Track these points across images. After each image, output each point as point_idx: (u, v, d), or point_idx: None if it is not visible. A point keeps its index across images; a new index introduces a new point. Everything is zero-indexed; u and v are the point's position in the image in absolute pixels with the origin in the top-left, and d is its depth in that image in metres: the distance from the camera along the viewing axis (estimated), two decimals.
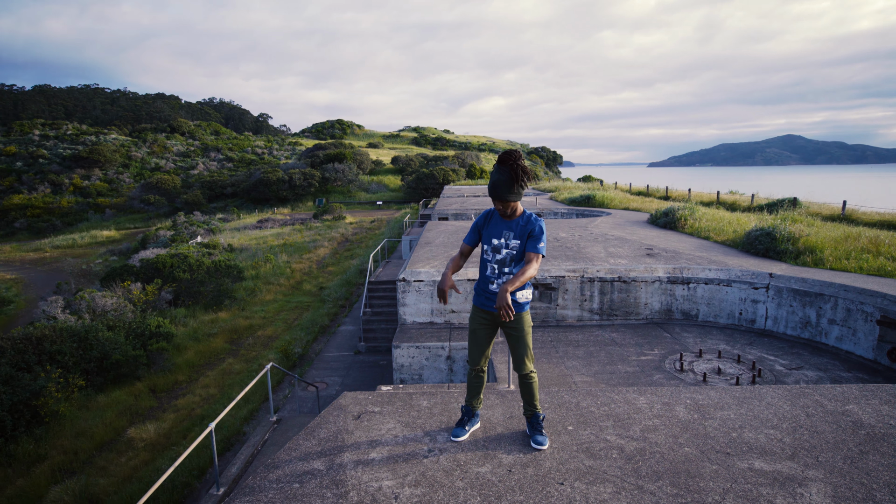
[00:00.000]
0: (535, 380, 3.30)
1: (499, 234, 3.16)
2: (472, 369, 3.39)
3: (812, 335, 7.80)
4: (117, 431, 10.54)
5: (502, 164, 2.99)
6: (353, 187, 56.24)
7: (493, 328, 3.30)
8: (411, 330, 8.75)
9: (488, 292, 3.21)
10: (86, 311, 15.46)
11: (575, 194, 23.78)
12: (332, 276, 23.78)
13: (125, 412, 11.44)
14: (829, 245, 9.60)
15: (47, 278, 28.72)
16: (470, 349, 3.36)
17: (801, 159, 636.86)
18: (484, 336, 3.30)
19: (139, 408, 11.78)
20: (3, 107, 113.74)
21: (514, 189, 2.99)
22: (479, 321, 3.29)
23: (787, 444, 3.23)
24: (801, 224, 11.34)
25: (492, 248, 3.18)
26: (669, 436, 3.35)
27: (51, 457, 9.44)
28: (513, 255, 3.13)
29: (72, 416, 10.89)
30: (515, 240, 3.12)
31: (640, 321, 9.01)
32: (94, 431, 10.32)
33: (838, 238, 10.05)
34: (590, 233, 12.68)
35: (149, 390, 12.67)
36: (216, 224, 39.27)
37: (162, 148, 73.14)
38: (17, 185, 55.83)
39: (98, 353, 12.73)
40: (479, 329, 3.29)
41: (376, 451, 3.19)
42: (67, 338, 12.72)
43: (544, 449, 3.21)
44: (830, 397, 3.90)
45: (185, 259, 20.24)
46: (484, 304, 3.24)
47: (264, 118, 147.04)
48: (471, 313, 3.36)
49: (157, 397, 12.47)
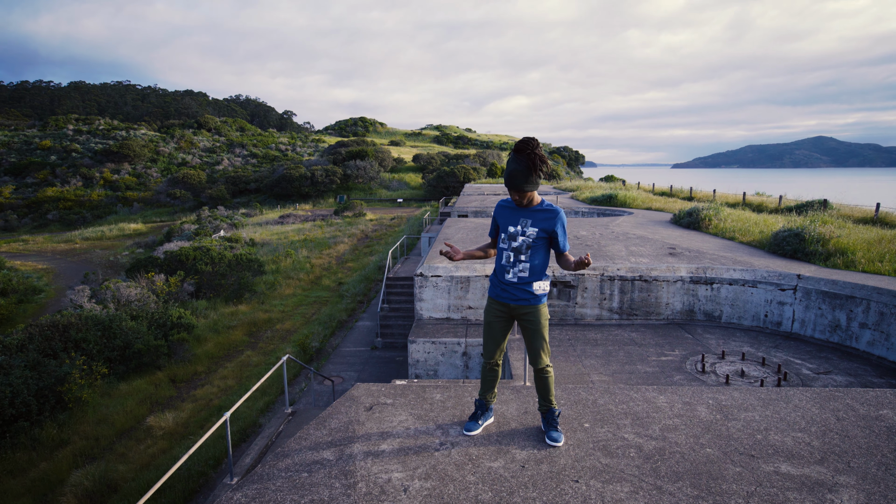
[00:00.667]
0: (551, 374, 3.21)
1: (515, 222, 3.07)
2: (486, 362, 3.31)
3: (841, 339, 7.51)
4: (137, 419, 10.73)
5: (519, 153, 2.91)
6: (375, 184, 56.50)
7: (508, 321, 3.21)
8: (427, 325, 8.69)
9: (504, 283, 3.13)
10: (111, 300, 15.80)
11: (596, 193, 23.45)
12: (351, 272, 23.90)
13: (145, 401, 11.65)
14: (861, 247, 9.24)
15: (76, 269, 29.49)
16: (485, 342, 3.29)
17: (833, 162, 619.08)
18: (499, 329, 3.22)
19: (159, 397, 11.98)
20: (41, 102, 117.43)
21: (530, 179, 2.91)
22: (495, 313, 3.21)
23: (815, 447, 3.07)
24: (832, 225, 10.95)
25: (508, 235, 3.10)
26: (690, 436, 3.22)
27: (73, 442, 9.65)
28: (529, 243, 3.04)
29: (94, 403, 11.12)
30: (533, 227, 3.03)
31: (660, 321, 8.80)
32: (115, 419, 10.52)
33: (871, 240, 9.67)
34: (611, 231, 12.46)
35: (169, 380, 12.88)
36: (239, 219, 39.85)
37: (189, 143, 74.54)
38: (50, 177, 57.54)
39: (121, 342, 12.99)
40: (494, 321, 3.21)
41: (387, 443, 3.14)
42: (92, 326, 13.01)
43: (559, 445, 3.12)
44: (862, 401, 3.71)
45: (208, 252, 20.56)
46: (500, 295, 3.16)
47: (288, 115, 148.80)
48: (486, 305, 3.28)
49: (176, 387, 12.67)
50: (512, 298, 3.10)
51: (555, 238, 3.07)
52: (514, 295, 3.09)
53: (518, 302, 3.09)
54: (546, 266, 3.11)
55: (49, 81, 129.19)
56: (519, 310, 3.11)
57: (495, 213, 3.20)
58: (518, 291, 3.08)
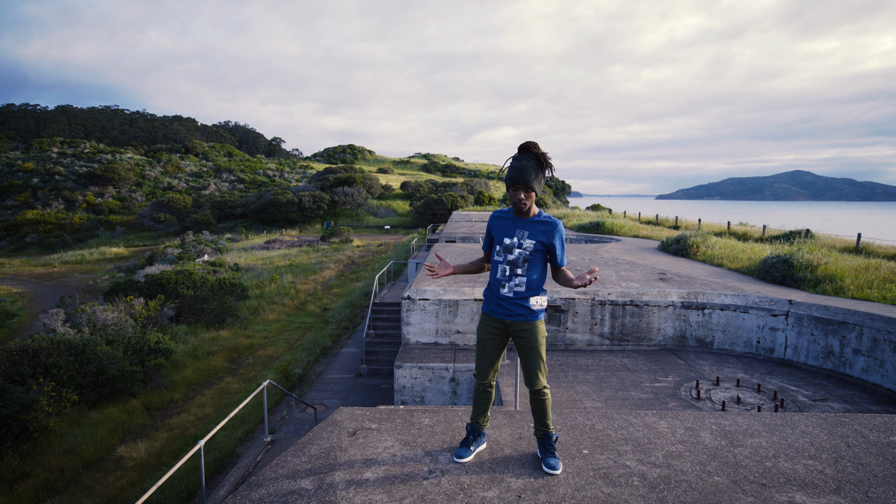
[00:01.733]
0: (548, 396, 3.00)
1: (511, 233, 2.90)
2: (479, 383, 3.10)
3: (835, 366, 7.40)
4: (107, 449, 10.17)
5: (525, 152, 2.77)
6: (362, 211, 56.42)
7: (503, 338, 3.02)
8: (414, 350, 8.43)
9: (499, 297, 2.94)
10: (86, 324, 15.25)
11: (584, 221, 23.56)
12: (336, 298, 23.52)
13: (117, 429, 11.08)
14: (849, 274, 9.25)
15: (53, 293, 28.65)
16: (477, 361, 3.08)
17: (810, 195, 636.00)
18: (493, 347, 3.02)
19: (132, 425, 11.42)
20: (26, 125, 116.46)
21: (539, 175, 2.77)
22: (489, 330, 3.01)
23: (829, 476, 2.89)
24: (819, 253, 11.00)
25: (503, 247, 2.92)
26: (696, 463, 3.02)
27: (36, 474, 9.07)
28: (526, 256, 2.87)
29: (62, 432, 10.55)
30: (530, 240, 2.86)
31: (652, 347, 8.64)
32: (82, 449, 9.96)
33: (858, 268, 9.70)
34: (600, 257, 12.39)
35: (143, 408, 12.32)
36: (224, 243, 39.33)
37: (175, 168, 74.13)
38: (31, 200, 56.58)
39: (94, 368, 12.44)
40: (488, 339, 3.01)
41: (371, 471, 2.89)
42: (64, 351, 12.47)
43: (557, 473, 2.89)
44: (871, 427, 3.55)
45: (190, 276, 20.10)
46: (494, 310, 2.97)
47: (277, 142, 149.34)
48: (479, 322, 3.08)
49: (151, 415, 12.11)
50: (507, 314, 2.92)
51: (553, 251, 2.91)
52: (509, 311, 2.91)
53: (514, 318, 2.91)
54: (543, 280, 2.95)
55: (36, 105, 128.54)
56: (514, 326, 2.92)
57: (490, 225, 3.04)
58: (514, 307, 2.90)
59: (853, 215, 73.82)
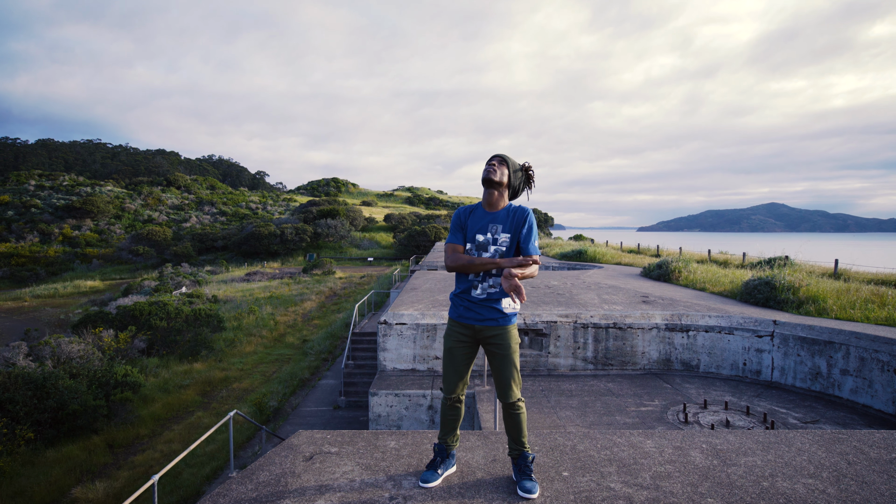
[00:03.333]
0: (523, 411, 2.72)
1: (484, 229, 2.67)
2: (446, 398, 2.79)
3: (824, 387, 7.20)
4: (62, 491, 9.46)
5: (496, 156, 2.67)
6: (345, 243, 56.03)
7: (472, 346, 2.75)
8: (391, 377, 8.04)
9: (470, 300, 2.68)
10: (49, 357, 14.51)
11: (566, 249, 23.55)
12: (317, 330, 22.93)
13: (75, 469, 10.35)
14: (831, 295, 9.19)
15: (21, 328, 27.50)
16: (445, 373, 2.78)
17: (786, 227, 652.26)
18: (462, 356, 2.73)
19: (91, 464, 10.70)
20: (4, 159, 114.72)
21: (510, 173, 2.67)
22: (457, 337, 2.73)
23: (832, 496, 2.63)
24: (800, 276, 10.97)
25: (476, 245, 2.68)
26: (687, 484, 2.74)
27: None
28: (502, 253, 2.64)
29: (12, 473, 9.81)
30: (505, 233, 2.63)
31: (637, 371, 8.38)
32: (34, 490, 9.24)
33: (839, 289, 9.65)
34: (582, 282, 12.22)
35: (105, 445, 11.58)
36: (203, 276, 38.52)
37: (156, 201, 73.30)
38: (5, 233, 55.19)
39: (54, 403, 11.73)
40: (455, 347, 2.73)
41: (324, 499, 2.55)
42: (22, 385, 11.76)
43: (534, 498, 2.58)
44: (871, 444, 3.31)
45: (164, 306, 19.45)
46: (462, 315, 2.70)
47: (261, 175, 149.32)
48: (446, 329, 2.81)
49: (113, 453, 11.38)
50: (478, 318, 2.66)
51: (523, 238, 2.66)
52: (480, 315, 2.65)
53: (485, 322, 2.65)
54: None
55: (16, 138, 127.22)
56: (485, 332, 2.66)
57: (459, 218, 2.77)
58: (485, 311, 2.65)
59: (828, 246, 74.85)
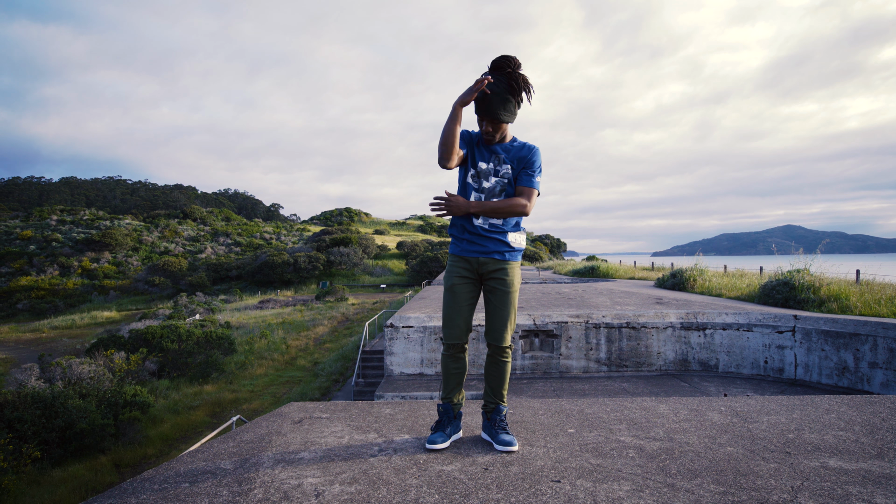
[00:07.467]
0: (510, 361, 2.51)
1: (487, 157, 2.45)
2: (448, 347, 2.52)
3: (852, 382, 6.81)
4: None
5: (497, 71, 2.31)
6: (358, 271, 56.14)
7: (475, 284, 2.51)
8: (398, 381, 7.82)
9: (471, 232, 2.45)
10: (60, 378, 14.49)
11: (578, 266, 23.26)
12: (328, 353, 22.73)
13: (80, 488, 10.16)
14: (854, 293, 8.83)
15: (37, 357, 27.72)
16: (445, 317, 2.51)
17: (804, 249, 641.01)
18: (464, 295, 2.48)
19: (97, 484, 10.49)
20: (29, 197, 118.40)
21: (509, 105, 2.33)
22: (458, 273, 2.49)
23: (866, 444, 2.38)
24: (820, 276, 10.60)
25: (477, 172, 2.46)
26: (704, 437, 2.51)
27: None
28: (503, 185, 2.44)
29: (17, 492, 9.64)
30: (506, 164, 2.43)
31: (653, 372, 8.05)
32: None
33: (863, 289, 9.28)
34: (594, 289, 11.96)
35: (112, 464, 11.39)
36: (217, 304, 38.71)
37: (173, 233, 74.52)
38: (26, 267, 56.27)
39: (62, 422, 11.62)
40: (458, 285, 2.48)
41: (308, 451, 2.37)
42: (31, 404, 11.69)
43: (515, 450, 2.34)
44: None
45: (175, 329, 19.45)
46: (466, 249, 2.47)
47: (276, 208, 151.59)
48: (446, 268, 2.57)
49: (119, 472, 11.17)
50: (482, 251, 2.44)
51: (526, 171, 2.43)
52: (484, 247, 2.43)
53: (490, 255, 2.43)
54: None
55: (41, 177, 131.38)
56: (488, 266, 2.45)
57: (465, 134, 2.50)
58: (489, 242, 2.43)
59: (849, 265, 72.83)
